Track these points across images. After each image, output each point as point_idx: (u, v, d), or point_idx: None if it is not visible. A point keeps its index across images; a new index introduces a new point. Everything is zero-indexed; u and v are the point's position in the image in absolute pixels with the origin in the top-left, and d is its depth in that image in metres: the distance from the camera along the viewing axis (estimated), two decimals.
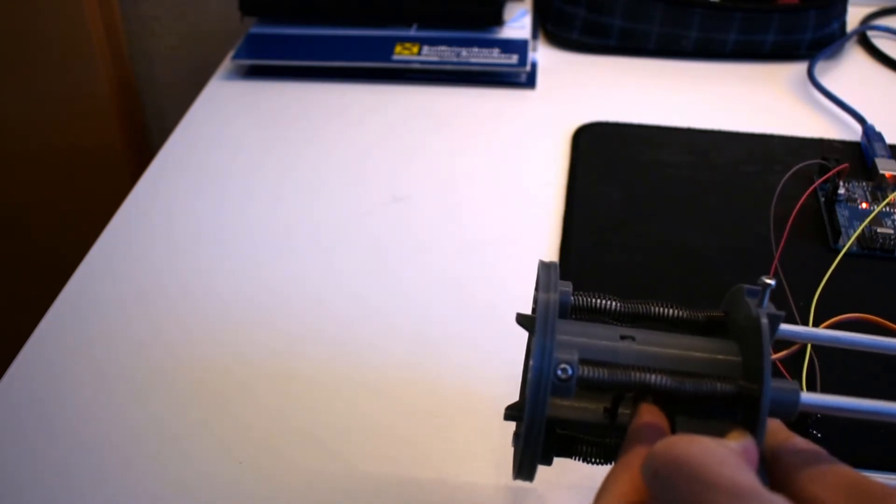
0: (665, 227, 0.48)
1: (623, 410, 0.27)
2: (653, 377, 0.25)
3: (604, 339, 0.27)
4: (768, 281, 0.25)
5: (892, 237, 0.46)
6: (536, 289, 0.28)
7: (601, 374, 0.25)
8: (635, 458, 0.24)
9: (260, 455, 0.35)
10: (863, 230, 0.47)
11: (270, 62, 0.65)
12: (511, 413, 0.29)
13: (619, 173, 0.53)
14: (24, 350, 0.41)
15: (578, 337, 0.27)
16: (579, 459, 0.28)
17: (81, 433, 0.36)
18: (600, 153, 0.55)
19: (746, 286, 0.27)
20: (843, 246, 0.46)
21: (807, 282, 0.42)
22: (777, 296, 0.41)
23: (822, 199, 0.50)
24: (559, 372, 0.25)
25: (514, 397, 0.38)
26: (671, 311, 0.28)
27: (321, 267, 0.46)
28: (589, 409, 0.28)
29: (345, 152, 0.56)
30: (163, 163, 0.55)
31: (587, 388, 0.26)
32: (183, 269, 0.46)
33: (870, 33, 0.72)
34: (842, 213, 0.48)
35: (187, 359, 0.40)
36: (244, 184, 0.53)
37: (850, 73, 0.67)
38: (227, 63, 0.67)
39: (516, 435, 0.30)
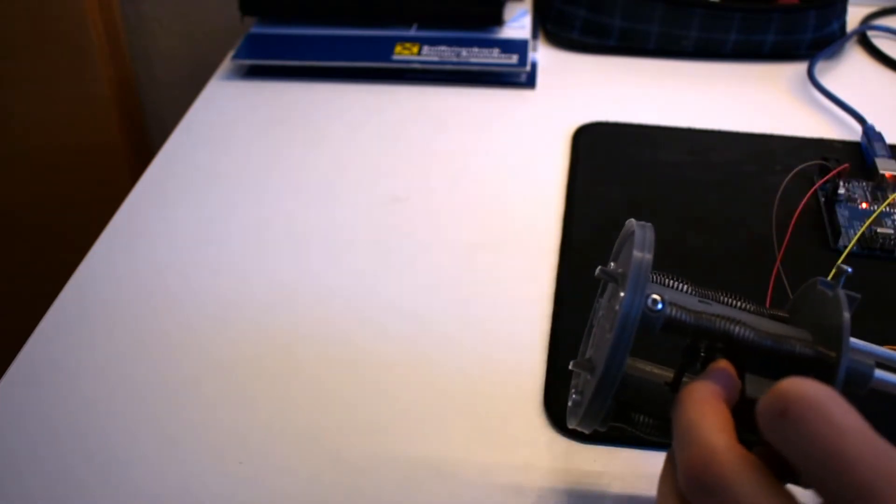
0: (665, 227, 0.48)
1: (687, 380, 0.28)
2: (736, 328, 0.26)
3: (685, 297, 0.28)
4: (845, 267, 0.27)
5: (893, 237, 0.46)
6: (614, 256, 0.31)
7: (688, 316, 0.27)
8: (709, 391, 0.24)
9: (260, 455, 0.35)
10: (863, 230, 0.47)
11: (270, 62, 0.65)
12: (579, 362, 0.29)
13: (619, 173, 0.53)
14: (25, 350, 0.41)
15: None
16: (633, 429, 0.29)
17: (81, 433, 0.36)
18: (600, 153, 0.55)
19: (819, 278, 0.28)
20: (843, 246, 0.46)
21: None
22: (779, 296, 0.41)
23: (822, 200, 0.50)
24: (649, 302, 0.26)
25: (514, 398, 0.38)
26: (739, 302, 0.29)
27: (321, 267, 0.46)
28: (655, 373, 0.29)
29: (345, 152, 0.56)
30: (163, 163, 0.55)
31: (671, 330, 0.27)
32: (183, 269, 0.46)
33: (870, 33, 0.72)
34: (842, 214, 0.48)
35: (187, 359, 0.40)
36: (244, 184, 0.53)
37: (850, 73, 0.67)
38: (227, 63, 0.67)
39: (575, 387, 0.31)
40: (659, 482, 0.26)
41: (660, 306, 0.26)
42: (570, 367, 0.29)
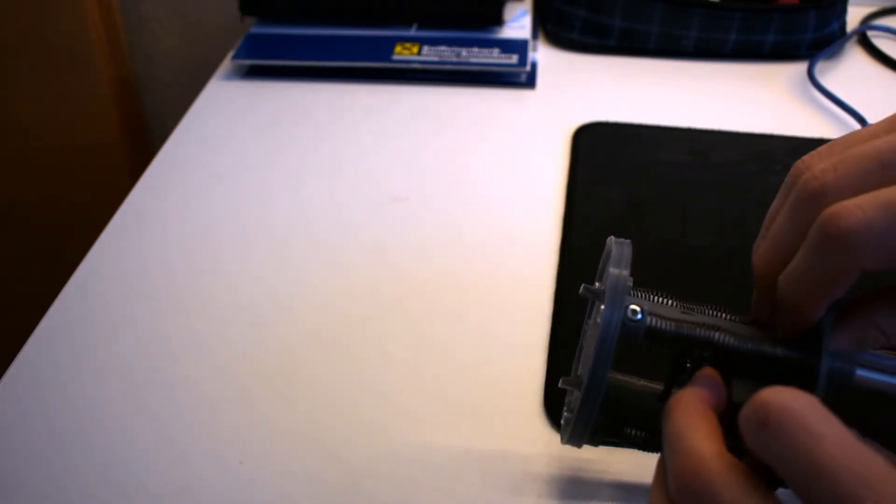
0: (665, 227, 0.48)
1: (677, 390, 0.28)
2: (717, 335, 0.27)
3: (668, 309, 0.29)
4: None
5: None
6: (599, 276, 0.31)
7: (668, 325, 0.27)
8: (696, 399, 0.25)
9: (260, 455, 0.35)
10: None
11: (270, 62, 0.65)
12: (567, 379, 0.30)
13: (619, 173, 0.53)
14: (25, 350, 0.41)
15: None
16: (626, 443, 0.30)
17: (81, 433, 0.36)
18: (600, 153, 0.55)
19: None
20: None
21: None
22: None
23: None
24: (629, 312, 0.27)
25: (514, 399, 0.38)
26: (724, 314, 0.29)
27: (321, 267, 0.46)
28: (644, 386, 0.30)
29: (345, 152, 0.56)
30: (163, 163, 0.55)
31: (653, 339, 0.27)
32: (183, 269, 0.46)
33: (870, 33, 0.72)
34: None
35: (187, 358, 0.40)
36: (244, 184, 0.53)
37: (850, 73, 0.67)
38: (227, 63, 0.67)
39: (567, 404, 0.32)
40: (651, 488, 0.27)
41: (639, 316, 0.27)
42: (559, 384, 0.30)
